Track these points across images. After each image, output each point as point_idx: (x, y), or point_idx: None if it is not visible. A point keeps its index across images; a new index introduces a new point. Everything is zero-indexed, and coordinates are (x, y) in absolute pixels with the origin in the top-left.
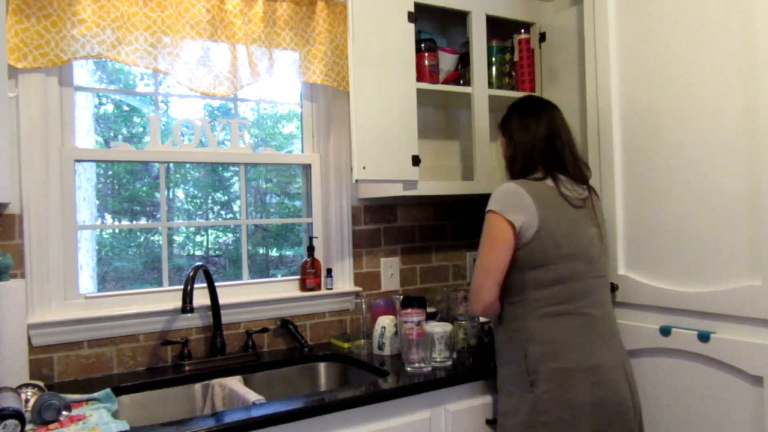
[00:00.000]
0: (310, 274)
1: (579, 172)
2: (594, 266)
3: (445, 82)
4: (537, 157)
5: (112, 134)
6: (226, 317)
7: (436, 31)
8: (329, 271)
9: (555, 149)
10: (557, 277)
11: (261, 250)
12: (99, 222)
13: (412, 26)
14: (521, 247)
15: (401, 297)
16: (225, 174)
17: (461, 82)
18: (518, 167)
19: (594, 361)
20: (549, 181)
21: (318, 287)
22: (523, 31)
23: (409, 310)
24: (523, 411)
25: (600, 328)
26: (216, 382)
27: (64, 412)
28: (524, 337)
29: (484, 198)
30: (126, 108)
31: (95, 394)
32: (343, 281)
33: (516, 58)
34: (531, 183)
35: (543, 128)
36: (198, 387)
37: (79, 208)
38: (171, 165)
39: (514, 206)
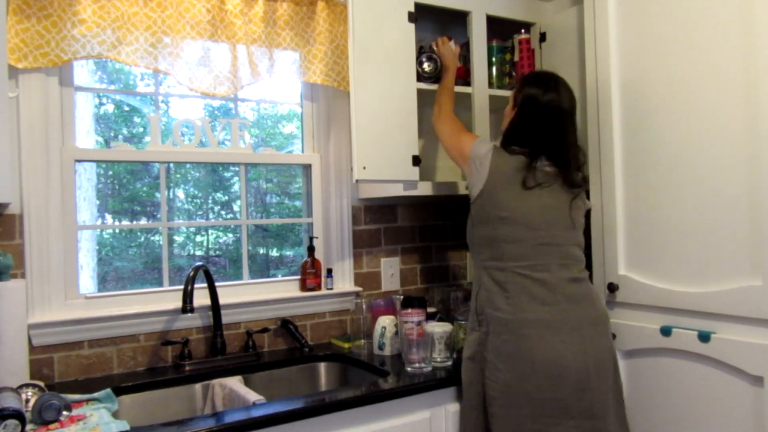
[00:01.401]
0: (311, 274)
1: (562, 157)
2: (538, 233)
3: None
4: (530, 132)
5: (112, 134)
6: (226, 317)
7: (436, 30)
8: (329, 271)
9: (548, 134)
10: (495, 237)
11: (261, 250)
12: (99, 222)
13: (412, 26)
14: (472, 202)
15: (401, 297)
16: (225, 174)
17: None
18: (512, 135)
19: (524, 316)
20: (523, 157)
21: (318, 287)
22: (523, 31)
23: (410, 310)
24: (474, 343)
25: (538, 291)
26: (216, 382)
27: (65, 412)
28: (477, 283)
29: None
30: (126, 108)
31: (95, 394)
32: (344, 281)
33: (516, 58)
34: (504, 154)
35: (544, 113)
36: (198, 387)
37: (79, 208)
38: (171, 165)
39: (478, 153)
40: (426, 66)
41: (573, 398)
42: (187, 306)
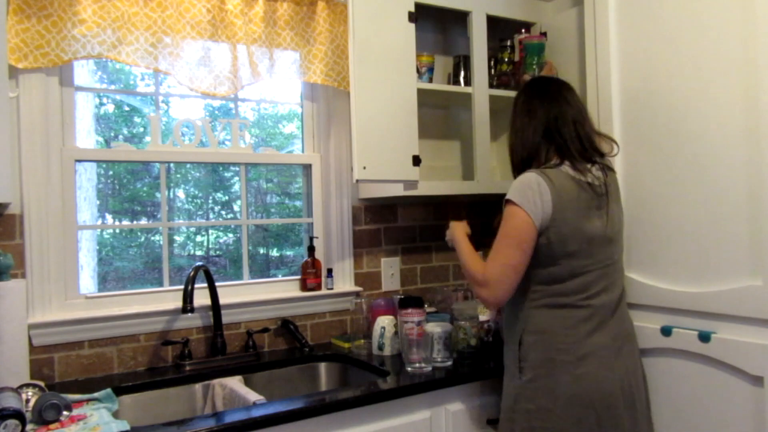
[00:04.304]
0: (311, 274)
1: (589, 154)
2: (599, 257)
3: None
4: (538, 143)
5: (112, 134)
6: (226, 317)
7: (436, 30)
8: (330, 271)
9: (558, 131)
10: (558, 275)
11: (261, 250)
12: (99, 222)
13: (412, 26)
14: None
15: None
16: (225, 174)
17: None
18: (519, 156)
19: (582, 352)
20: (566, 168)
21: (318, 287)
22: (523, 31)
23: (410, 310)
24: (511, 396)
25: (598, 317)
26: (216, 382)
27: (65, 412)
28: (521, 326)
29: (485, 198)
30: (126, 108)
31: (96, 394)
32: (344, 281)
33: (516, 58)
34: (554, 173)
35: (543, 110)
36: (198, 387)
37: (79, 208)
38: (171, 165)
39: (533, 199)
40: None
41: (627, 423)
42: (188, 306)
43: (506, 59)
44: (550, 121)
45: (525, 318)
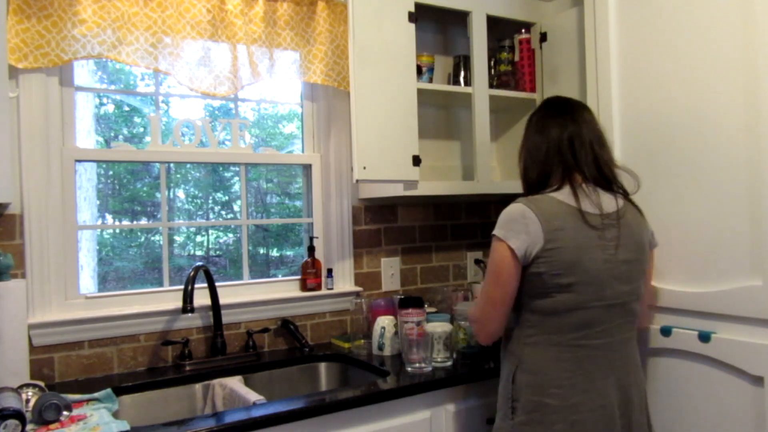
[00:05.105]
0: (311, 274)
1: (604, 180)
2: (603, 293)
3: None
4: (551, 163)
5: (112, 134)
6: (226, 317)
7: (436, 30)
8: (330, 271)
9: (572, 152)
10: (553, 308)
11: (261, 250)
12: (100, 222)
13: (412, 26)
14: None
15: (402, 297)
16: (225, 174)
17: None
18: (533, 176)
19: (578, 399)
20: (566, 193)
21: (319, 287)
22: (523, 31)
23: (410, 310)
24: None
25: (599, 360)
26: (216, 382)
27: (65, 412)
28: (514, 361)
29: (485, 198)
30: (126, 108)
31: (96, 394)
32: (344, 281)
33: (516, 58)
34: (543, 200)
35: (559, 129)
36: (198, 387)
37: (79, 208)
38: (171, 165)
39: (517, 231)
40: None
41: None
42: (188, 306)
43: (506, 59)
44: (565, 140)
45: (519, 354)
